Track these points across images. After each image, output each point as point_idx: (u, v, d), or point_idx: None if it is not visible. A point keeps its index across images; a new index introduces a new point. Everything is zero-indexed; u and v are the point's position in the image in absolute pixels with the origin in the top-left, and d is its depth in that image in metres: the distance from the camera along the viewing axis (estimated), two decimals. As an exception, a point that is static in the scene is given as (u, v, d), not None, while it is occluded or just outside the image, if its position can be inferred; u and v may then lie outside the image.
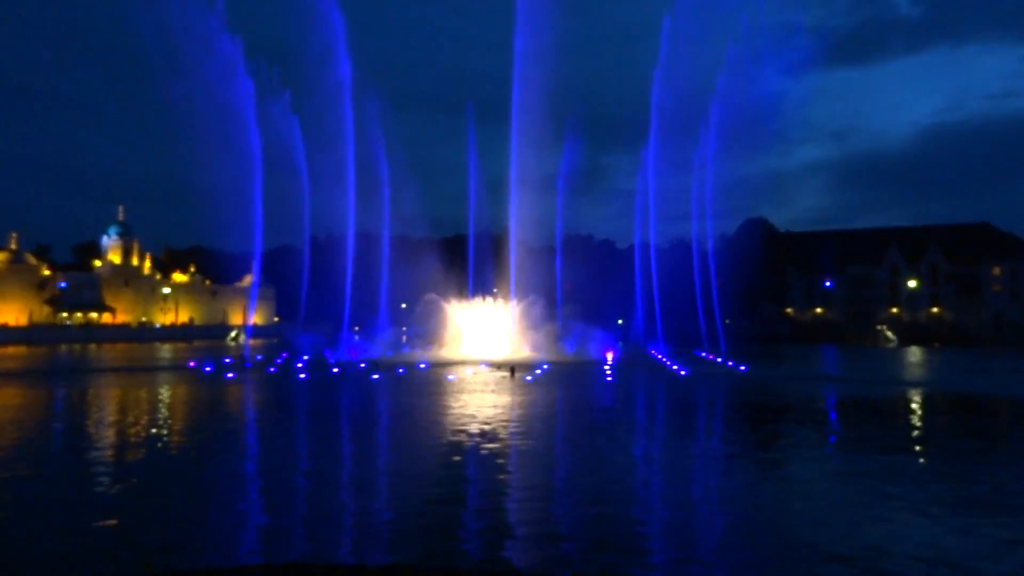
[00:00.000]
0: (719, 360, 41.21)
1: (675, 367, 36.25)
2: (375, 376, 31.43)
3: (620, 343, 50.39)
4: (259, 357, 44.24)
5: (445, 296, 45.94)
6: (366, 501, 10.80)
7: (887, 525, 9.57)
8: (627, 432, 17.93)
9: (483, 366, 37.44)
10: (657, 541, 9.07)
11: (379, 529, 9.26)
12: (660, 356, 43.95)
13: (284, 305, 46.26)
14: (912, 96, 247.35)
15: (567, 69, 47.42)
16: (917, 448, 15.77)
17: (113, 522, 9.45)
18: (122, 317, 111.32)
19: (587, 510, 10.22)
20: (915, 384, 31.61)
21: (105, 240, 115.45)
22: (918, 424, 20.10)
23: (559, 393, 25.79)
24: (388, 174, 47.08)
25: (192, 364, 39.23)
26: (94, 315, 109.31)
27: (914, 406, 24.04)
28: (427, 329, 44.47)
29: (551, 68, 44.98)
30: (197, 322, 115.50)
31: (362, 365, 38.25)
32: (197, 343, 78.72)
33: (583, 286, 47.97)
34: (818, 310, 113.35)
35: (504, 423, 17.53)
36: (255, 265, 42.49)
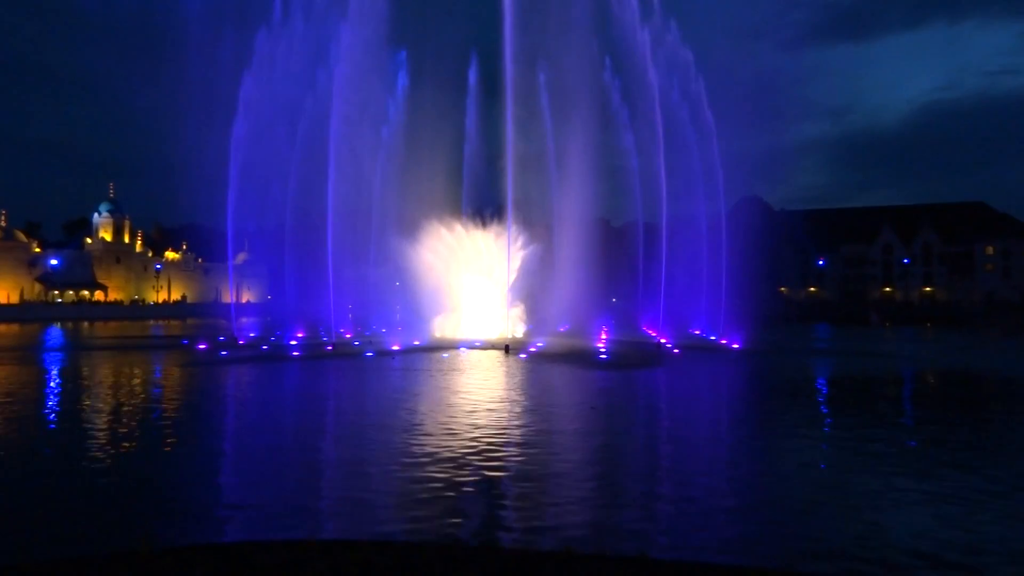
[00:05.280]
0: (713, 337, 41.38)
1: (669, 345, 36.35)
2: (369, 354, 31.44)
3: (613, 321, 50.44)
4: (253, 334, 44.21)
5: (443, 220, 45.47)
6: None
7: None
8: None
9: (478, 344, 37.50)
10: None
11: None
12: (653, 334, 44.06)
13: (280, 282, 46.00)
14: (909, 73, 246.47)
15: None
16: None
17: None
18: (114, 295, 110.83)
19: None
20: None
21: (96, 217, 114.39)
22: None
23: (554, 371, 25.87)
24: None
25: (185, 342, 39.23)
26: (86, 293, 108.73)
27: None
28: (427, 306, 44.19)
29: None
30: (189, 300, 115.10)
31: (356, 343, 38.24)
32: (191, 321, 78.59)
33: (577, 264, 47.83)
34: (812, 289, 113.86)
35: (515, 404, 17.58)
36: (229, 245, 41.56)
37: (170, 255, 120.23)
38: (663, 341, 38.37)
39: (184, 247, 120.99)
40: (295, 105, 41.26)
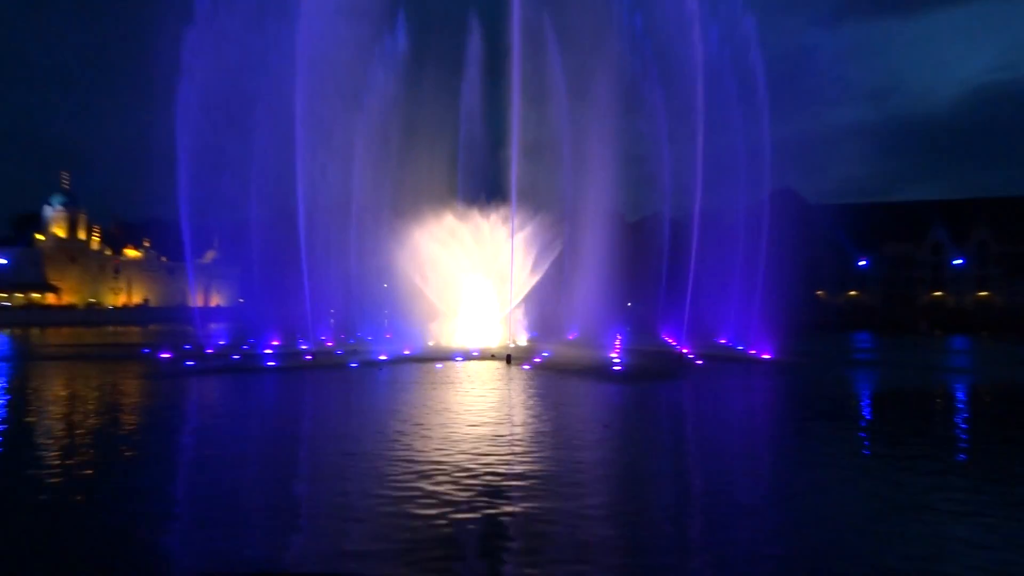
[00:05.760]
0: (741, 347, 41.32)
1: (690, 355, 36.24)
2: (353, 365, 31.35)
3: (628, 328, 50.32)
4: (223, 342, 44.19)
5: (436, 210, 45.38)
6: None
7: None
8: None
9: (476, 353, 37.43)
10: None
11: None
12: (674, 342, 43.93)
13: (253, 284, 45.88)
14: (961, 51, 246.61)
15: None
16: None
17: None
18: (67, 298, 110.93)
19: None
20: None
21: (48, 211, 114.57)
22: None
23: (562, 385, 25.71)
24: None
25: (146, 351, 39.20)
26: (36, 295, 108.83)
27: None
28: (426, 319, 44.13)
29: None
30: (152, 303, 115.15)
31: (338, 352, 38.17)
32: (154, 327, 78.58)
33: (591, 263, 47.68)
34: (852, 293, 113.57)
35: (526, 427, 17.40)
36: (185, 239, 41.01)
37: (130, 253, 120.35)
38: (684, 351, 38.24)
39: (146, 244, 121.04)
40: (256, 74, 40.72)
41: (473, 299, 45.34)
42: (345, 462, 13.32)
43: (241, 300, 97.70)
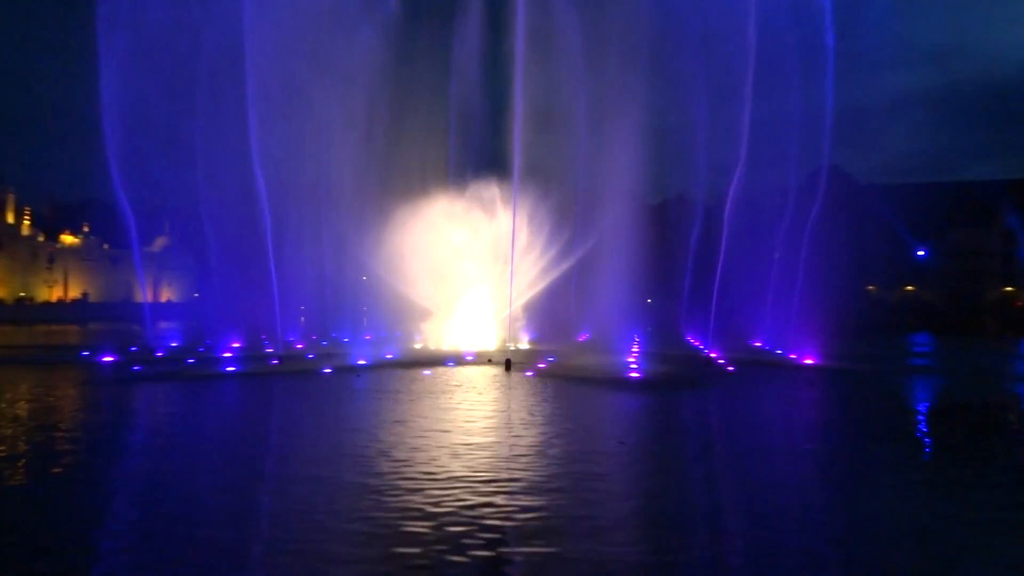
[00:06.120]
0: (779, 351, 41.47)
1: (720, 360, 36.33)
2: (327, 371, 31.43)
3: (648, 328, 50.37)
4: (175, 344, 44.24)
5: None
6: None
7: None
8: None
9: (470, 357, 37.55)
10: None
11: None
12: (701, 345, 43.89)
13: (211, 276, 45.84)
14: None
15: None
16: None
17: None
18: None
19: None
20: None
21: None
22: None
23: (571, 394, 25.79)
24: None
25: (86, 354, 39.28)
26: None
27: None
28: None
29: None
30: (93, 298, 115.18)
31: (310, 355, 38.38)
32: (94, 326, 78.58)
33: (609, 253, 47.58)
34: (908, 288, 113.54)
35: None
36: (130, 224, 40.87)
37: (67, 240, 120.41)
38: (713, 355, 38.43)
39: (86, 230, 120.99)
40: (207, 25, 40.50)
41: (467, 294, 45.57)
42: (312, 492, 12.79)
43: (196, 295, 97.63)
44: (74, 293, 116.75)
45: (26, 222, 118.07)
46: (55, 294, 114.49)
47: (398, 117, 49.29)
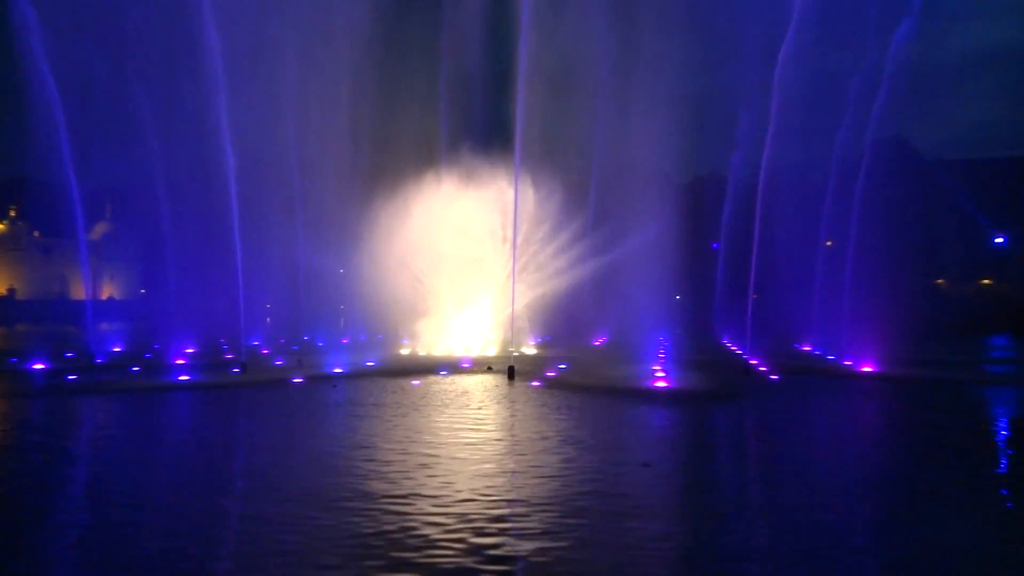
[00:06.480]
0: (831, 356, 41.21)
1: (761, 367, 36.20)
2: (297, 380, 31.28)
3: (677, 329, 50.12)
4: (118, 349, 44.23)
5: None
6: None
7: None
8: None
9: (466, 364, 37.59)
10: None
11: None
12: (738, 349, 43.71)
13: (161, 269, 45.80)
14: None
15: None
16: None
17: None
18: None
19: None
20: None
21: None
22: None
23: (586, 409, 25.49)
24: None
25: (13, 360, 39.16)
26: None
27: None
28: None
29: None
30: (21, 294, 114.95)
31: (278, 362, 38.42)
32: (23, 327, 78.56)
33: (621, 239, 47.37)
34: (985, 281, 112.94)
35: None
36: (75, 209, 40.79)
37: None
38: (753, 362, 38.29)
39: (12, 214, 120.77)
40: None
41: (462, 288, 45.66)
42: (275, 537, 12.20)
43: (143, 291, 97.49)
44: None
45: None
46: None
47: (383, 81, 49.31)
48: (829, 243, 45.63)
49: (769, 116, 42.14)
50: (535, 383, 30.64)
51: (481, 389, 29.35)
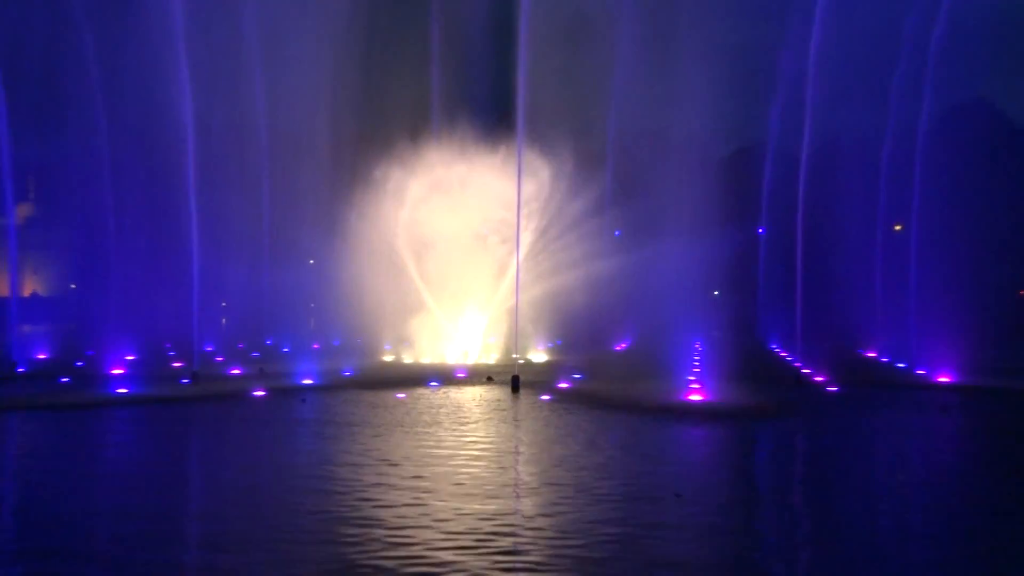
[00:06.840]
0: (901, 365, 41.21)
1: (817, 376, 36.25)
2: (258, 393, 31.18)
3: (715, 331, 49.84)
4: (44, 356, 44.24)
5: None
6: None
7: None
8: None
9: (462, 374, 37.97)
10: None
11: None
12: (788, 355, 43.86)
13: (96, 261, 46.15)
14: None
15: None
16: None
17: None
18: None
19: None
20: None
21: None
22: None
23: (607, 429, 24.90)
24: None
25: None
26: None
27: None
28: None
29: None
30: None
31: (235, 371, 38.59)
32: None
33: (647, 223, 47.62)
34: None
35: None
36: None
37: None
38: (806, 371, 38.16)
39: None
40: None
41: (458, 276, 45.92)
42: None
43: (73, 286, 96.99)
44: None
45: None
46: None
47: (366, 40, 49.59)
48: (898, 227, 45.38)
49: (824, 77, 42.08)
50: (544, 397, 30.45)
51: (478, 404, 29.32)
